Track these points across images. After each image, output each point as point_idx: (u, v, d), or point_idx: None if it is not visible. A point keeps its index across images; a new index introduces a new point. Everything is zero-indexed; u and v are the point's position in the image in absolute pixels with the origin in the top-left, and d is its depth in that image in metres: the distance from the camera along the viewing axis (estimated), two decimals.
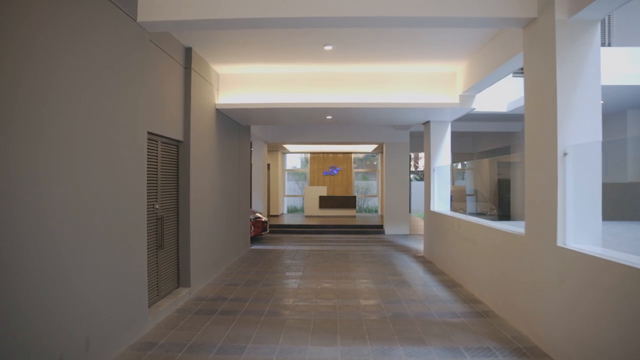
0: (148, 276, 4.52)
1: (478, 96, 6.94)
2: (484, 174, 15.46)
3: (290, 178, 18.48)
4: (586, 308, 3.09)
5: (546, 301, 3.63)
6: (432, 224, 7.97)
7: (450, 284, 6.13)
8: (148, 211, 4.56)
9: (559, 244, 3.47)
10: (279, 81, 6.89)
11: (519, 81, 8.47)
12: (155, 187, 4.83)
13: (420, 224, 14.72)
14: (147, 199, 4.50)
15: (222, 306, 5.09)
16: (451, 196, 8.21)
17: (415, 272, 7.01)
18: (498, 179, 15.56)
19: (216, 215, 6.81)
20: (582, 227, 3.45)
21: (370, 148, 15.56)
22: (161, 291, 4.95)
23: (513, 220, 12.47)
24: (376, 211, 18.18)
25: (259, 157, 12.36)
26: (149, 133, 4.49)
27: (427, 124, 8.31)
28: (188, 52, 5.62)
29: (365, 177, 20.24)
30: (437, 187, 8.04)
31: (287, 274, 6.92)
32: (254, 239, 10.58)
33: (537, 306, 3.79)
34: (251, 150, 12.24)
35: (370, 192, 18.72)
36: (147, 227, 4.51)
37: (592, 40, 3.52)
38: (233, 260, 7.87)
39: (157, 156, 4.87)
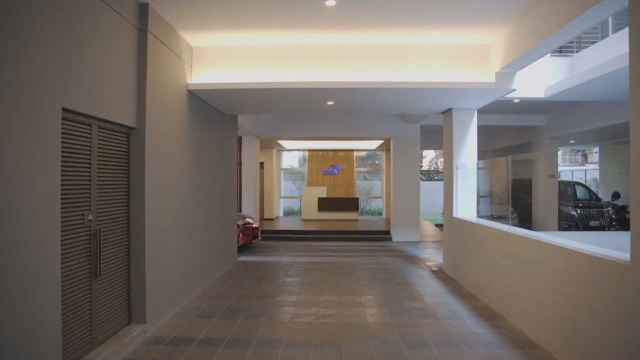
0: (73, 318, 3.14)
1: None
2: (501, 174, 14.08)
3: (287, 178, 17.05)
4: None
5: None
6: (455, 234, 6.58)
7: (487, 315, 4.73)
8: (71, 224, 3.16)
9: None
10: (269, 55, 5.49)
11: (560, 61, 7.10)
12: (88, 190, 3.42)
13: (428, 229, 13.33)
14: (70, 205, 3.11)
15: (184, 354, 3.68)
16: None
17: (439, 295, 5.60)
18: (513, 179, 14.18)
19: (187, 225, 5.40)
20: None
21: (374, 145, 14.15)
22: (98, 335, 3.54)
23: (534, 228, 11.13)
24: (380, 214, 16.77)
25: (250, 154, 10.93)
26: (69, 111, 3.09)
27: (448, 112, 6.92)
28: (143, 8, 4.20)
29: (366, 177, 18.84)
30: (462, 189, 6.64)
31: (279, 298, 5.51)
32: (243, 248, 9.17)
33: None
34: (240, 146, 10.83)
35: (373, 193, 17.30)
36: (69, 247, 3.11)
37: None
38: (213, 278, 6.46)
39: (90, 146, 3.46)
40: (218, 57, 5.56)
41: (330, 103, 6.40)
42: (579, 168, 22.35)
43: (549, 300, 3.73)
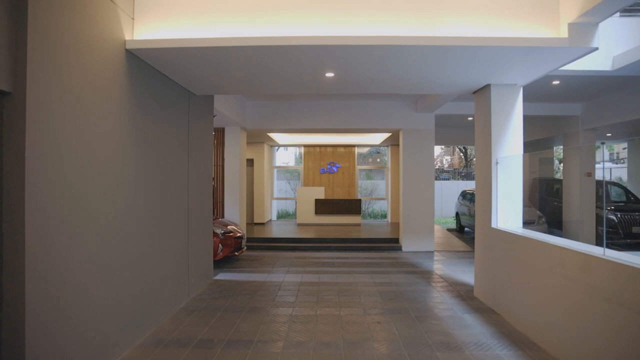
0: None
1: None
2: (526, 172, 12.46)
3: (281, 177, 15.42)
4: None
5: None
6: (496, 250, 4.96)
7: None
8: None
9: None
10: (247, 1, 3.86)
11: (633, 23, 5.47)
12: None
13: (440, 235, 11.72)
14: None
15: None
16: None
17: (482, 342, 3.98)
18: (538, 179, 12.62)
19: (126, 242, 3.76)
20: None
21: (378, 139, 12.52)
22: None
23: (566, 235, 9.56)
24: (384, 217, 15.17)
25: (235, 148, 9.26)
26: None
27: (483, 91, 5.30)
28: None
29: (369, 175, 17.22)
30: (504, 191, 5.03)
31: (257, 346, 3.88)
32: (224, 262, 7.55)
33: None
34: (223, 139, 9.19)
35: (376, 193, 15.68)
36: None
37: None
38: (174, 310, 4.84)
39: None
40: (174, 5, 3.93)
41: (329, 75, 4.77)
42: (601, 167, 20.71)
43: None
